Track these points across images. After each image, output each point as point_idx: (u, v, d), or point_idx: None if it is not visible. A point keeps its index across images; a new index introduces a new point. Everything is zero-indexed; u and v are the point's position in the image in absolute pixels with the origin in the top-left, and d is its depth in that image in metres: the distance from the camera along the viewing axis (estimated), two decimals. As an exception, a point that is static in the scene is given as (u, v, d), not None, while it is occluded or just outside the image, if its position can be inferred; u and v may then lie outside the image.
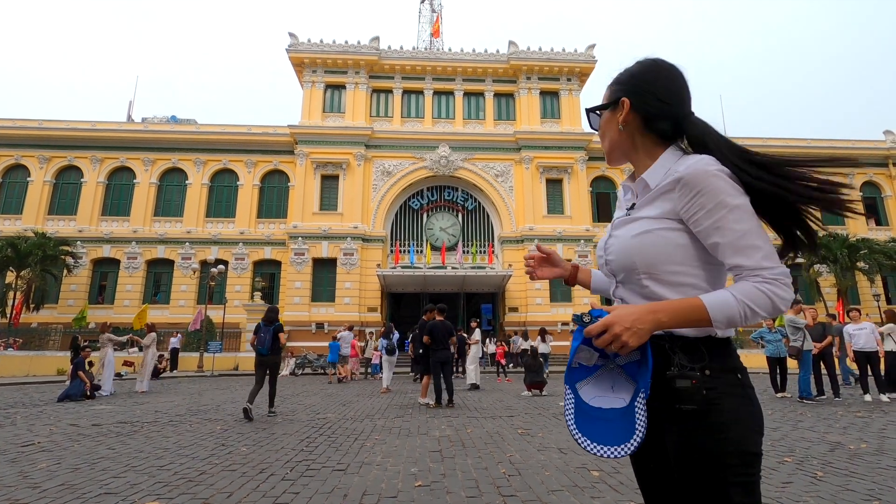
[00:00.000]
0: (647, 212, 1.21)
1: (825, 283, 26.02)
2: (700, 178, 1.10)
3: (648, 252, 1.18)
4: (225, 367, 20.96)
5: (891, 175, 30.06)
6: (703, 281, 1.16)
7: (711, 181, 1.10)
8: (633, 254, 1.20)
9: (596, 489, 3.65)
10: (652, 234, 1.18)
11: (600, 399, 1.18)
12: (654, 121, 1.25)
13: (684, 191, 1.13)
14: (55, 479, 4.01)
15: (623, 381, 1.17)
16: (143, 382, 12.07)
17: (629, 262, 1.21)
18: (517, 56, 28.82)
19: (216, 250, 26.54)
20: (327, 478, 4.04)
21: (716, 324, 1.07)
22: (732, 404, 1.09)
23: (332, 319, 24.39)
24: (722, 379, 1.11)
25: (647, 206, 1.22)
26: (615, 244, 1.26)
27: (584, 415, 1.18)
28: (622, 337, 1.07)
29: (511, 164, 28.15)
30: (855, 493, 3.45)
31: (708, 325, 1.08)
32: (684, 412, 1.10)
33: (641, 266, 1.19)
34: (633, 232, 1.21)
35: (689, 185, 1.12)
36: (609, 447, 1.14)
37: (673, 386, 1.11)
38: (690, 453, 1.09)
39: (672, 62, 1.29)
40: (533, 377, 10.95)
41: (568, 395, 1.22)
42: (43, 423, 7.05)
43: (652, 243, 1.17)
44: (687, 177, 1.12)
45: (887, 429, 5.98)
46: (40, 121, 27.63)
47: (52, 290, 25.03)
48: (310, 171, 26.84)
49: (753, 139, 30.28)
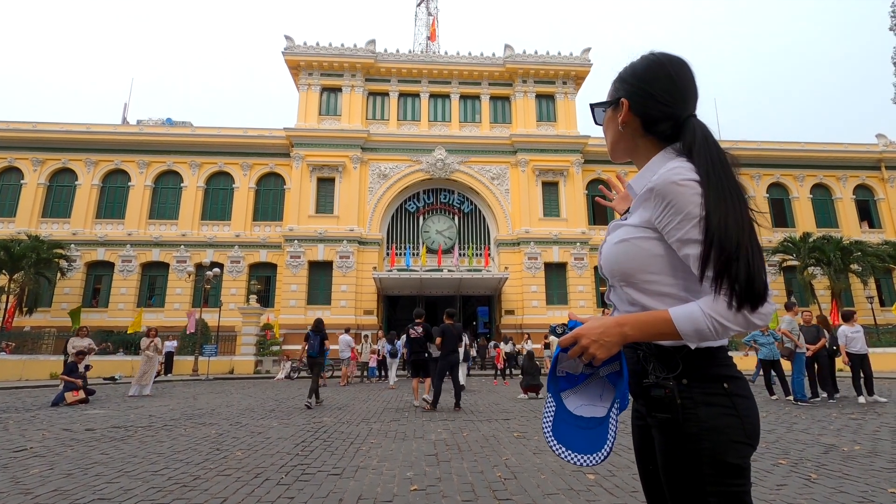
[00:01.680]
0: (631, 219, 1.20)
1: (819, 285, 26.17)
2: (668, 188, 1.08)
3: (624, 261, 1.17)
4: (220, 371, 20.86)
5: (883, 178, 30.30)
6: (681, 290, 1.13)
7: (679, 191, 1.06)
8: (613, 261, 1.20)
9: (591, 492, 3.65)
10: (628, 242, 1.17)
11: (587, 408, 1.19)
12: (654, 123, 1.21)
13: (656, 201, 1.10)
14: (48, 485, 3.97)
15: (609, 391, 1.18)
16: (146, 387, 12.24)
17: (610, 269, 1.22)
18: (513, 59, 28.92)
19: (211, 253, 26.43)
20: (322, 482, 4.02)
21: (684, 336, 1.05)
22: (710, 414, 1.07)
23: (329, 322, 24.09)
24: (700, 388, 1.10)
25: (633, 212, 1.21)
26: (604, 249, 1.27)
27: (564, 423, 1.20)
28: (590, 349, 1.09)
29: (507, 167, 28.21)
30: (849, 495, 3.46)
31: (677, 338, 1.06)
32: (661, 420, 1.12)
33: (619, 274, 1.19)
34: (615, 239, 1.21)
35: (660, 196, 1.09)
36: (582, 455, 1.16)
37: (649, 395, 1.14)
38: (669, 460, 1.11)
39: (679, 57, 1.23)
40: (529, 380, 10.96)
41: (549, 402, 1.23)
42: (36, 428, 6.99)
43: (626, 252, 1.17)
44: (658, 187, 1.10)
45: (881, 430, 6.02)
46: (34, 123, 27.47)
47: (46, 294, 24.83)
48: (306, 174, 26.80)
49: (749, 143, 30.51)
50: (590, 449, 1.16)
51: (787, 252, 26.02)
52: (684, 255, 1.08)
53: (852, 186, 30.31)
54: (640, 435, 1.28)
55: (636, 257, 1.15)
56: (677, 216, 1.07)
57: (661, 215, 1.10)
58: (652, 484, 1.26)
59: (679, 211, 1.06)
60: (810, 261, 24.89)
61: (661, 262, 1.13)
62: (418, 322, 9.79)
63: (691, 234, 1.05)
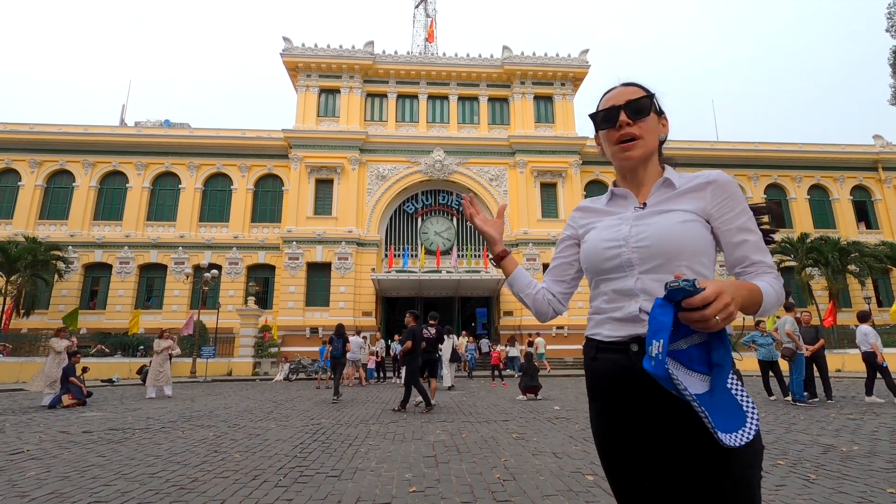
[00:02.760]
0: (678, 206, 1.28)
1: (817, 286, 26.23)
2: (729, 184, 1.28)
3: (695, 239, 1.24)
4: (218, 373, 20.80)
5: (880, 179, 30.38)
6: (711, 271, 1.27)
7: (737, 189, 1.29)
8: (681, 238, 1.23)
9: (591, 493, 3.64)
10: (694, 223, 1.25)
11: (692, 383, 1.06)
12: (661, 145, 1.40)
13: (717, 192, 1.27)
14: (44, 488, 3.95)
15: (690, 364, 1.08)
16: (167, 387, 12.40)
17: (675, 247, 1.23)
18: (511, 61, 28.96)
19: (210, 255, 26.38)
20: (321, 484, 4.01)
21: (763, 309, 1.15)
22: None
23: (327, 324, 24.23)
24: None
25: (673, 201, 1.29)
26: (650, 229, 1.26)
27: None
28: (730, 307, 1.00)
29: (505, 169, 28.23)
30: (848, 495, 3.46)
31: (756, 311, 1.15)
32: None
33: (689, 251, 1.23)
34: (678, 219, 1.25)
35: (722, 188, 1.27)
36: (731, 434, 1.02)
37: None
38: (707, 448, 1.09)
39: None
40: (528, 381, 10.95)
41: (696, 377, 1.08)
42: (32, 431, 6.96)
43: (692, 232, 1.25)
44: (720, 180, 1.28)
45: (879, 431, 6.02)
46: (31, 125, 27.40)
47: (43, 296, 24.73)
48: (304, 176, 26.78)
49: (747, 144, 30.59)
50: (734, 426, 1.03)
51: (785, 253, 26.07)
52: (741, 241, 1.25)
53: (850, 187, 30.40)
54: (633, 446, 1.21)
55: (697, 238, 1.25)
56: (737, 207, 1.26)
57: (720, 203, 1.27)
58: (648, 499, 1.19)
59: (739, 203, 1.27)
60: (808, 261, 24.94)
61: (708, 245, 1.27)
62: (431, 323, 10.03)
63: (750, 224, 1.27)
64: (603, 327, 1.30)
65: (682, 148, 29.39)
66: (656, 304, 1.04)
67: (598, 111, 1.39)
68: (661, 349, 0.99)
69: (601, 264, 1.31)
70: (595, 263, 1.33)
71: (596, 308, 1.35)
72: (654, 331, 1.02)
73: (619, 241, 1.29)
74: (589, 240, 1.37)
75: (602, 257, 1.31)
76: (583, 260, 1.40)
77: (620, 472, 1.23)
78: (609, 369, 1.27)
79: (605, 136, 1.38)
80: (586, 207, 1.47)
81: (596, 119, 1.39)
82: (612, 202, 1.40)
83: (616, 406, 1.25)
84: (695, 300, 0.99)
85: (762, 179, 29.96)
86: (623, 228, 1.30)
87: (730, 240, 1.26)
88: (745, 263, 1.24)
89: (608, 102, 1.37)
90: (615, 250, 1.28)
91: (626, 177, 1.39)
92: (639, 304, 1.23)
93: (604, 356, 1.29)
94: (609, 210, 1.40)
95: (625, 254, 1.27)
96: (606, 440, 1.27)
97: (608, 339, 1.28)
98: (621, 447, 1.23)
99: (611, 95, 1.38)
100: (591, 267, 1.35)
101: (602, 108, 1.38)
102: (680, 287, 0.98)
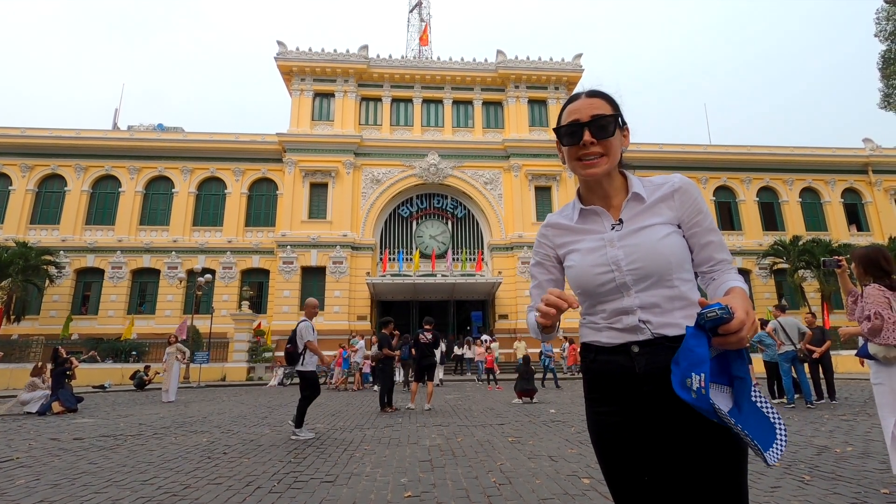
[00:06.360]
0: (653, 219, 1.29)
1: (809, 287, 26.43)
2: (692, 188, 1.33)
3: (678, 252, 1.28)
4: (212, 378, 20.64)
5: (871, 182, 30.71)
6: (692, 276, 1.31)
7: (698, 192, 1.34)
8: (668, 254, 1.25)
9: (587, 497, 3.63)
10: (674, 235, 1.29)
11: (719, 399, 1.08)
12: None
13: (684, 199, 1.31)
14: (34, 496, 3.89)
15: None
16: (167, 393, 12.53)
17: (664, 263, 1.24)
18: (505, 65, 29.08)
19: (203, 259, 26.20)
20: (315, 489, 3.98)
21: None
22: None
23: (322, 328, 24.11)
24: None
25: (646, 215, 1.30)
26: (639, 251, 1.25)
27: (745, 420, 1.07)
28: (755, 322, 1.08)
29: (500, 172, 28.29)
30: (842, 496, 3.47)
31: None
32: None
33: (676, 264, 1.25)
34: (660, 235, 1.27)
35: (688, 194, 1.32)
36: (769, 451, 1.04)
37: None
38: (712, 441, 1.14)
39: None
40: (523, 384, 10.93)
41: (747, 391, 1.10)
42: (22, 438, 6.87)
43: (677, 244, 1.28)
44: (684, 187, 1.32)
45: (872, 432, 6.06)
46: (23, 129, 27.19)
47: (34, 301, 24.51)
48: (298, 180, 26.72)
49: (739, 147, 30.84)
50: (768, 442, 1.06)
51: (778, 255, 26.29)
52: (707, 242, 1.30)
53: (840, 190, 30.70)
54: (633, 443, 1.23)
55: (680, 250, 1.28)
56: (702, 210, 1.32)
57: (689, 208, 1.31)
58: (647, 494, 1.20)
59: (702, 206, 1.32)
60: (800, 263, 25.15)
61: (687, 252, 1.31)
62: (428, 328, 10.03)
63: (713, 224, 1.32)
64: (602, 334, 1.31)
65: (675, 152, 29.65)
66: (689, 333, 1.06)
67: (560, 126, 1.35)
68: (704, 383, 1.00)
69: (595, 289, 1.30)
70: (589, 288, 1.31)
71: (592, 321, 1.34)
72: (691, 363, 1.03)
73: (609, 265, 1.27)
74: (575, 264, 1.34)
75: (595, 283, 1.29)
76: (573, 285, 1.39)
77: (619, 469, 1.24)
78: (610, 369, 1.28)
79: (567, 150, 1.35)
80: (557, 224, 1.43)
81: (559, 134, 1.36)
82: (584, 219, 1.37)
83: (616, 404, 1.26)
84: (732, 326, 1.03)
85: (754, 182, 30.21)
86: (609, 251, 1.28)
87: (698, 241, 1.31)
88: (712, 262, 1.30)
89: (571, 115, 1.33)
90: (608, 275, 1.27)
91: (591, 188, 1.37)
92: (638, 316, 1.25)
93: (604, 357, 1.30)
94: (583, 228, 1.37)
95: (619, 278, 1.26)
96: (606, 438, 1.27)
97: (609, 344, 1.29)
98: (621, 444, 1.24)
99: (574, 107, 1.34)
100: (585, 291, 1.33)
101: (565, 121, 1.34)
102: (718, 317, 1.01)
